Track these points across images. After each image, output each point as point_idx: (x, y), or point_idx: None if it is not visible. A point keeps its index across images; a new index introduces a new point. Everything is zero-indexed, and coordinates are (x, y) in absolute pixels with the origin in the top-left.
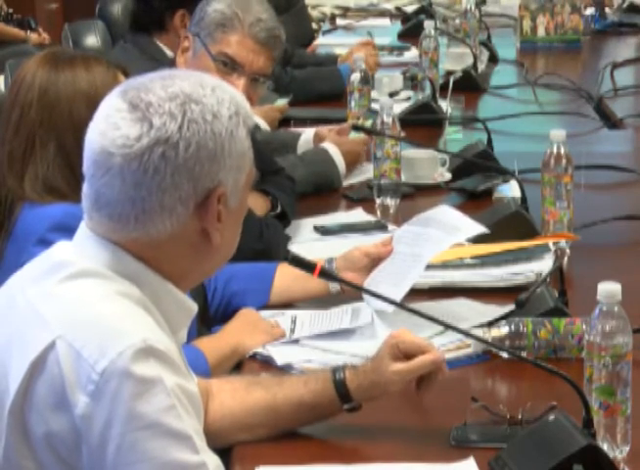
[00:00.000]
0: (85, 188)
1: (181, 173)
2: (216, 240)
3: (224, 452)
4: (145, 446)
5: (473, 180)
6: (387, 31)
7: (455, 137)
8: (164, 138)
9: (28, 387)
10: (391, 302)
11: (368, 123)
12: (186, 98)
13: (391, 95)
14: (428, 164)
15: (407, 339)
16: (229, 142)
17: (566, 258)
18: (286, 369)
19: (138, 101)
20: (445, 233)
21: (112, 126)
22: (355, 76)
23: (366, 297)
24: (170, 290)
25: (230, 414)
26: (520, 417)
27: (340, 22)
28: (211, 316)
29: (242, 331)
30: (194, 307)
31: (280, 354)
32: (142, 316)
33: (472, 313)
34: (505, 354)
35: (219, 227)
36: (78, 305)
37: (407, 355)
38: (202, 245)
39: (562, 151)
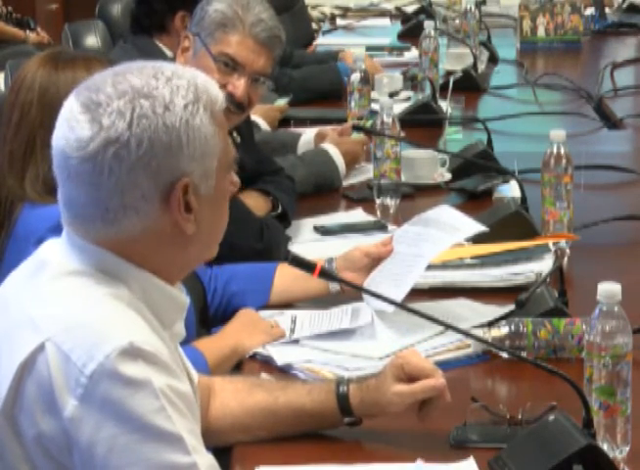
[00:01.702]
0: (58, 191)
1: (137, 171)
2: (190, 229)
3: (224, 452)
4: (135, 449)
5: (473, 180)
6: (387, 31)
7: (455, 137)
8: (115, 137)
9: (18, 388)
10: (391, 302)
11: (369, 124)
12: (135, 93)
13: (391, 95)
14: (428, 165)
15: (413, 361)
16: (186, 132)
17: (566, 258)
18: (286, 369)
19: (89, 102)
20: (445, 233)
21: (67, 129)
22: (355, 76)
23: (366, 297)
24: (158, 284)
25: (230, 414)
26: (520, 417)
27: (340, 22)
28: (211, 317)
29: (241, 331)
30: (185, 300)
31: (280, 354)
32: (132, 318)
33: (472, 313)
34: (505, 354)
35: (189, 217)
36: (68, 308)
37: (411, 378)
38: (178, 236)
39: (562, 151)
